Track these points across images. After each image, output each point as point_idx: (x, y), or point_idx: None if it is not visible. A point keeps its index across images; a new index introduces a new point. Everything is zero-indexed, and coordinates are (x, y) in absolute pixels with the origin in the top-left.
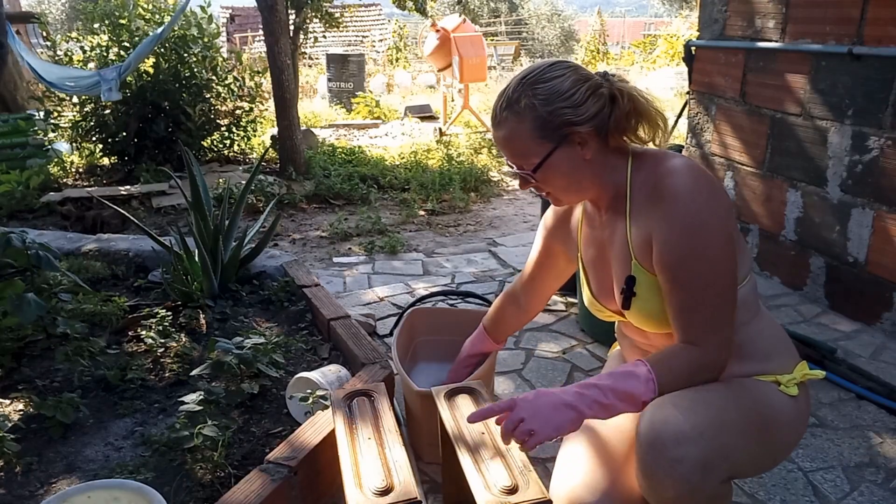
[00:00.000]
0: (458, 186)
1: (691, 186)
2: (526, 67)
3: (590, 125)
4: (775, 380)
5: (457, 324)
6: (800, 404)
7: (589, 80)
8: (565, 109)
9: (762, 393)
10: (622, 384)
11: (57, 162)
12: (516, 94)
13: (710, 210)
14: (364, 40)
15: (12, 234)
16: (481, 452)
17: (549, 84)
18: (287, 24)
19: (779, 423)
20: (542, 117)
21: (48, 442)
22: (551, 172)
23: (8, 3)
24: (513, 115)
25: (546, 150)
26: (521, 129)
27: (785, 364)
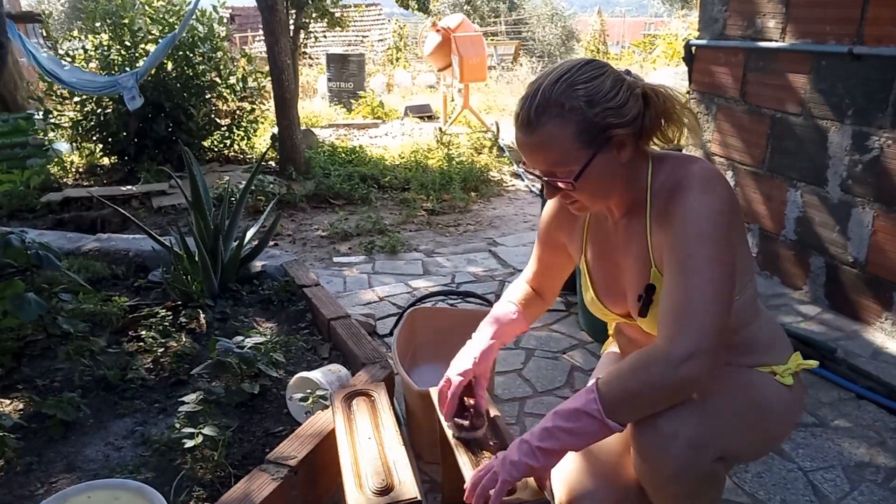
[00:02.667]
0: (459, 186)
1: (702, 196)
2: (554, 68)
3: (630, 127)
4: (771, 370)
5: (457, 324)
6: (794, 394)
7: (625, 80)
8: (609, 111)
9: (758, 381)
10: (565, 404)
11: (57, 162)
12: (556, 96)
13: (713, 222)
14: (364, 40)
15: (12, 234)
16: (480, 452)
17: (590, 84)
18: (287, 24)
19: (773, 411)
20: (587, 120)
21: (48, 441)
22: (588, 180)
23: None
24: (553, 118)
25: (587, 157)
26: (562, 135)
27: (780, 356)
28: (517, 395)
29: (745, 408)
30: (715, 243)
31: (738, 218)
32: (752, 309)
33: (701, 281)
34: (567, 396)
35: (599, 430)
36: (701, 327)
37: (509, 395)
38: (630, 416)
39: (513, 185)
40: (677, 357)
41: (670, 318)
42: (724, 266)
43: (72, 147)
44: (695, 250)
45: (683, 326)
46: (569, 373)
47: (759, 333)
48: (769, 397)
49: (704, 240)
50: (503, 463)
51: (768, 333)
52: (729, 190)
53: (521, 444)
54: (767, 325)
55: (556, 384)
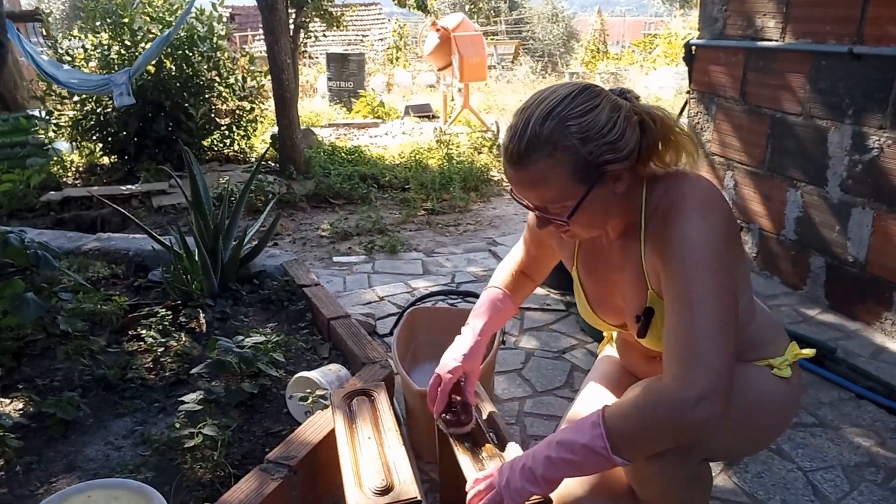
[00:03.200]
0: (459, 186)
1: (700, 222)
2: (544, 96)
3: (628, 160)
4: (768, 363)
5: (457, 324)
6: (791, 386)
7: (622, 108)
8: (605, 146)
9: (753, 377)
10: (569, 435)
11: (57, 161)
12: (547, 133)
13: (713, 250)
14: (364, 40)
15: (11, 233)
16: (478, 452)
17: (584, 119)
18: (287, 24)
19: (768, 407)
20: (581, 158)
21: (48, 441)
22: (582, 214)
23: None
24: (544, 157)
25: (581, 193)
26: (555, 173)
27: (777, 347)
28: (517, 395)
29: (738, 407)
30: (716, 273)
31: (736, 233)
32: (749, 311)
33: (706, 315)
34: (567, 396)
35: (605, 464)
36: (711, 365)
37: (509, 395)
38: (637, 454)
39: None
40: (690, 400)
41: (677, 355)
42: (727, 295)
43: (72, 146)
44: (697, 283)
45: (692, 366)
46: (569, 373)
47: (757, 332)
48: (764, 393)
49: (705, 270)
50: (507, 489)
51: (766, 330)
52: (726, 208)
53: (525, 471)
54: (765, 322)
55: (556, 384)
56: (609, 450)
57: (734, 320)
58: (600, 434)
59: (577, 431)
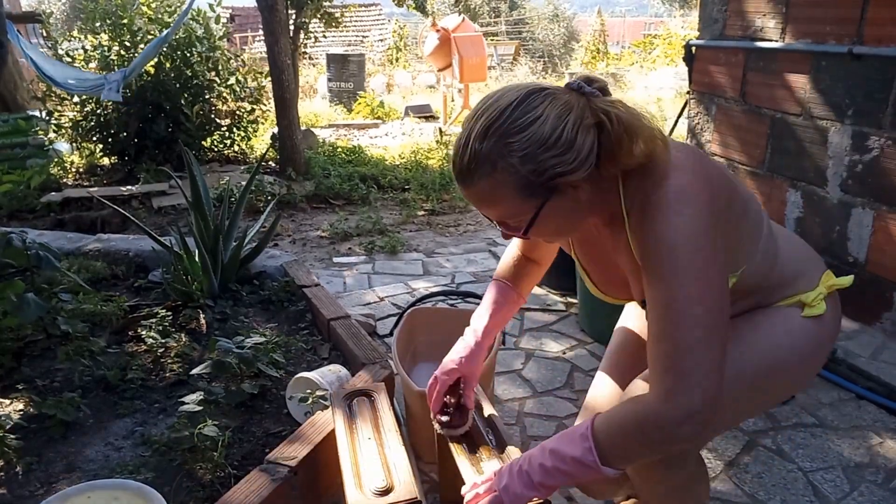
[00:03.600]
0: None
1: (675, 219)
2: (486, 107)
3: (584, 169)
4: (798, 301)
5: (457, 324)
6: (824, 324)
7: (571, 112)
8: (553, 160)
9: (779, 329)
10: (561, 446)
11: (57, 162)
12: (486, 152)
13: (690, 250)
14: (364, 40)
15: (12, 234)
16: (477, 452)
17: (525, 134)
18: (287, 24)
19: (796, 358)
20: (525, 178)
21: (48, 442)
22: (542, 225)
23: (8, 2)
24: (486, 177)
25: (534, 207)
26: (500, 192)
27: (810, 279)
28: (517, 396)
29: (759, 372)
30: (697, 273)
31: (721, 211)
32: (769, 257)
33: (688, 326)
34: (567, 397)
35: (596, 474)
36: (696, 381)
37: (509, 395)
38: (627, 465)
39: None
40: (676, 419)
41: (661, 371)
42: (712, 293)
43: (72, 147)
44: (676, 289)
45: (676, 383)
46: (569, 373)
47: (784, 270)
48: (792, 344)
49: (683, 274)
50: (506, 492)
51: (793, 264)
52: (704, 193)
53: (522, 475)
54: (792, 256)
55: (556, 384)
56: (598, 462)
57: (721, 316)
58: (589, 448)
59: (568, 443)
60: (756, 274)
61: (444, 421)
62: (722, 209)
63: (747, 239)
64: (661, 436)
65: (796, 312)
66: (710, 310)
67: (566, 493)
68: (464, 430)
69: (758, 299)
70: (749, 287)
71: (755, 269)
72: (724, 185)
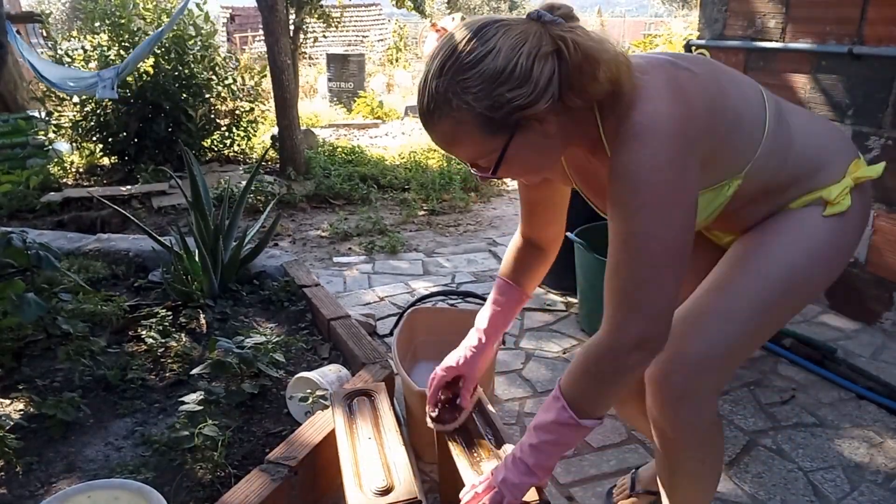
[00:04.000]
0: (458, 186)
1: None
2: (441, 46)
3: (545, 100)
4: (820, 197)
5: (457, 324)
6: (850, 220)
7: (526, 42)
8: (509, 94)
9: (796, 243)
10: (541, 417)
11: (57, 162)
12: (442, 91)
13: (653, 183)
14: (364, 40)
15: (13, 234)
16: (477, 452)
17: (478, 69)
18: (287, 24)
19: (816, 273)
20: (483, 114)
21: (48, 442)
22: (513, 163)
23: (8, 2)
24: (445, 117)
25: (500, 145)
26: (462, 130)
27: (834, 170)
28: (517, 396)
29: (780, 289)
30: (656, 209)
31: (702, 133)
32: (779, 153)
33: (644, 260)
34: None
35: (580, 431)
36: (647, 312)
37: (509, 395)
38: (602, 409)
39: (513, 184)
40: (624, 348)
41: (614, 302)
42: (671, 231)
43: (72, 147)
44: (635, 225)
45: (626, 314)
46: None
47: (800, 164)
48: (813, 253)
49: (643, 211)
50: (504, 484)
51: (812, 156)
52: (673, 122)
53: (517, 463)
54: (810, 146)
55: (556, 384)
56: (574, 417)
57: (679, 251)
58: (562, 406)
59: (545, 411)
60: (762, 175)
61: (434, 416)
62: (701, 130)
63: (742, 147)
64: (613, 366)
65: (816, 213)
66: (667, 245)
67: (566, 493)
68: (453, 427)
69: (774, 199)
70: (758, 189)
71: (759, 172)
72: (707, 101)
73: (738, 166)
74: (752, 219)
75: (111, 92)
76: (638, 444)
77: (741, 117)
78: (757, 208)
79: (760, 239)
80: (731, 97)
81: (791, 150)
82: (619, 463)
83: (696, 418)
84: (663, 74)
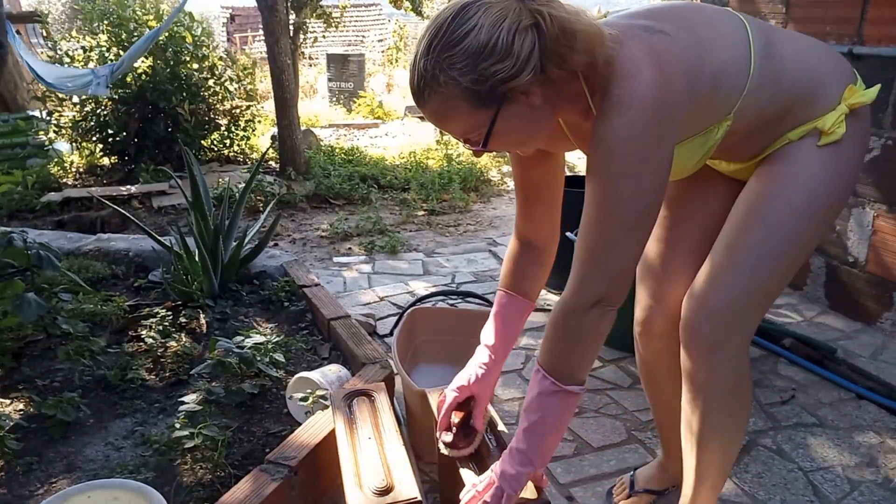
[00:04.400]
0: (458, 186)
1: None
2: (427, 26)
3: (528, 72)
4: (814, 127)
5: (457, 324)
6: (846, 149)
7: (506, 18)
8: (493, 68)
9: (792, 190)
10: (527, 400)
11: (57, 162)
12: (430, 68)
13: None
14: (364, 40)
15: (13, 234)
16: (477, 452)
17: (462, 46)
18: (287, 24)
19: (818, 207)
20: (469, 88)
21: (48, 442)
22: (502, 135)
23: (8, 2)
24: (435, 93)
25: (489, 118)
26: (451, 105)
27: (831, 96)
28: (517, 396)
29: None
30: (628, 177)
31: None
32: (766, 86)
33: (611, 224)
34: None
35: (567, 399)
36: (607, 272)
37: (509, 395)
38: (582, 370)
39: (513, 185)
40: (583, 306)
41: (580, 259)
42: (640, 197)
43: (72, 147)
44: (607, 190)
45: (588, 273)
46: None
47: (792, 93)
48: (810, 187)
49: (615, 177)
50: (503, 478)
51: (804, 84)
52: (653, 92)
53: (514, 454)
54: (802, 73)
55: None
56: (559, 383)
57: (647, 217)
58: (542, 375)
59: (530, 390)
60: (752, 110)
61: (447, 441)
62: (680, 94)
63: (727, 93)
64: (575, 322)
65: (812, 146)
66: (636, 209)
67: (566, 493)
68: (468, 453)
69: (771, 129)
70: (751, 122)
71: (748, 108)
72: (685, 64)
73: (725, 110)
74: (753, 147)
75: (104, 90)
76: (638, 445)
77: (724, 67)
78: (755, 138)
79: (760, 189)
80: (712, 49)
81: (782, 81)
82: (619, 463)
83: (727, 365)
84: (639, 44)
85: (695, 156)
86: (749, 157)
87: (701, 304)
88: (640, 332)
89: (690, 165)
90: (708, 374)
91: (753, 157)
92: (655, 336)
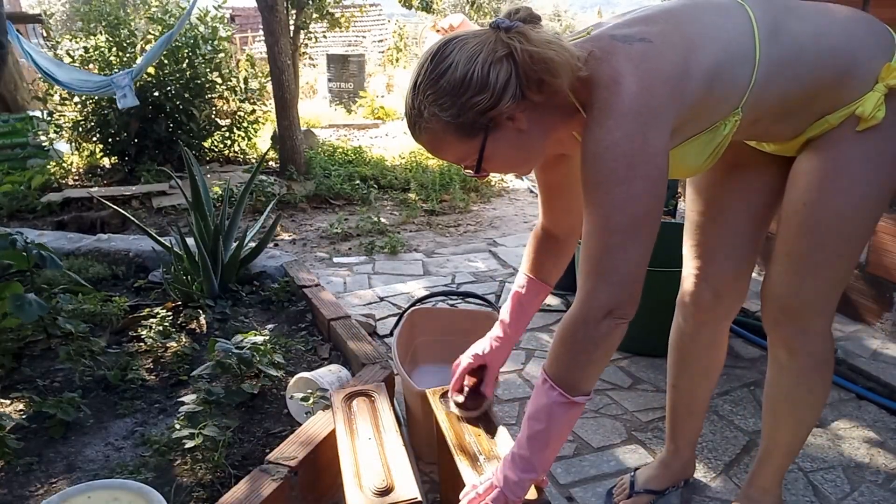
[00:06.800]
0: (458, 186)
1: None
2: (416, 63)
3: (507, 100)
4: (851, 112)
5: (457, 324)
6: (887, 132)
7: (480, 52)
8: (472, 100)
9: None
10: (532, 407)
11: (57, 162)
12: (417, 106)
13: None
14: (364, 40)
15: (14, 236)
16: (477, 456)
17: (440, 85)
18: (287, 24)
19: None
20: (453, 123)
21: (48, 442)
22: (495, 160)
23: (8, 3)
24: (424, 129)
25: (477, 146)
26: (440, 139)
27: (863, 76)
28: (517, 396)
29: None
30: (617, 183)
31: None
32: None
33: (609, 231)
34: None
35: (572, 410)
36: (614, 280)
37: (509, 395)
38: (590, 382)
39: (512, 185)
40: (595, 317)
41: (585, 271)
42: (634, 201)
43: (72, 148)
44: (599, 198)
45: (596, 283)
46: None
47: (819, 71)
48: (854, 193)
49: (605, 185)
50: (506, 484)
51: (829, 59)
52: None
53: (516, 460)
54: (824, 47)
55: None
56: (566, 394)
57: (644, 220)
58: (550, 386)
59: (535, 398)
60: (769, 98)
61: (459, 401)
62: (665, 98)
63: (730, 88)
64: (585, 334)
65: (851, 132)
66: (631, 214)
67: (566, 493)
68: (475, 414)
69: (804, 110)
70: (773, 109)
71: (762, 97)
72: (669, 69)
73: (730, 105)
74: (789, 130)
75: (132, 100)
76: (638, 445)
77: (720, 63)
78: (788, 121)
79: (807, 198)
80: (703, 48)
81: (800, 64)
82: (619, 463)
83: (808, 349)
84: (617, 57)
85: (704, 152)
86: (788, 137)
87: (776, 305)
88: (687, 302)
89: (702, 161)
90: (789, 357)
91: (794, 138)
92: (702, 308)
